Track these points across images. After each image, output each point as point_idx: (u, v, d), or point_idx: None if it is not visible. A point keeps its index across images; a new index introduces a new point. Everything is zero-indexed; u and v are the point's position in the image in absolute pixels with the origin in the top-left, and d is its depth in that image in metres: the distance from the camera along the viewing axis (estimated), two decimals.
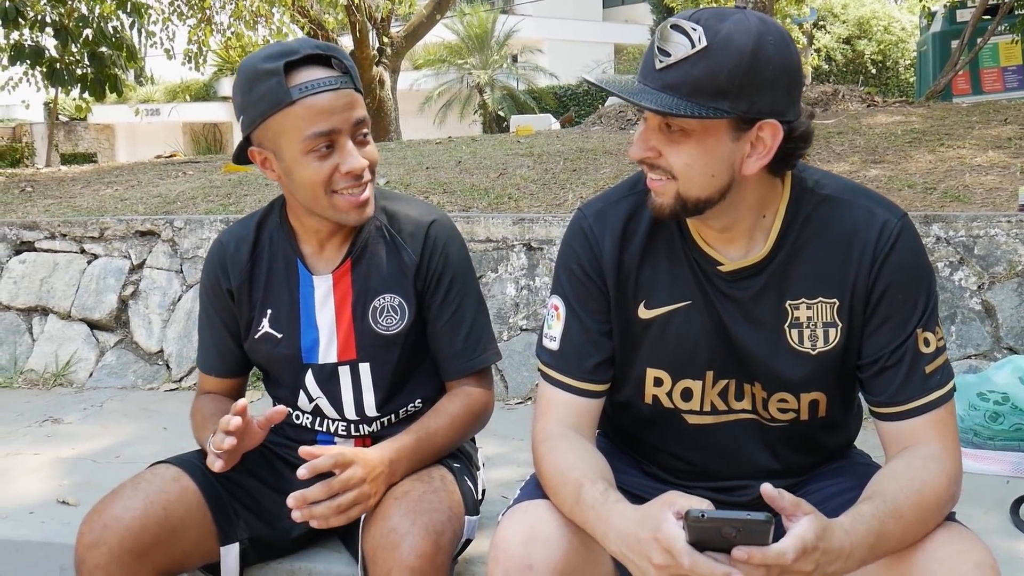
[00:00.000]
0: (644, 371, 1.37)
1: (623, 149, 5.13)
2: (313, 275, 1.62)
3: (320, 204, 1.51)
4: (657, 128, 1.22)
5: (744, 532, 1.01)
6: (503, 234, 3.26)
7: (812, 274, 1.29)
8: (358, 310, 1.61)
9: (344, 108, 1.47)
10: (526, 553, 1.19)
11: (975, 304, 2.77)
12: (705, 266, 1.32)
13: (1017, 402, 2.27)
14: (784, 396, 1.33)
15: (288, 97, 1.44)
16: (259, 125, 1.48)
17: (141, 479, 1.52)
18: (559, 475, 1.25)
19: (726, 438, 1.38)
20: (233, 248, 1.65)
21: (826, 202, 1.29)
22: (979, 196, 3.50)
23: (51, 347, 3.55)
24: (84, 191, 5.31)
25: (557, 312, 1.39)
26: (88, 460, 2.52)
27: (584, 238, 1.37)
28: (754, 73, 1.15)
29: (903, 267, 1.26)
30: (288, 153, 1.48)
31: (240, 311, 1.66)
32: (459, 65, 23.29)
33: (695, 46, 1.15)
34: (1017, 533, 1.86)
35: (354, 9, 10.42)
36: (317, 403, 1.66)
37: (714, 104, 1.16)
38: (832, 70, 19.51)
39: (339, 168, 1.47)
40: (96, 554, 1.43)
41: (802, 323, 1.29)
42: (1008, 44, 8.52)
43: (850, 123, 5.37)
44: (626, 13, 28.87)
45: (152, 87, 25.21)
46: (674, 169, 1.21)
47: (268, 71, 1.44)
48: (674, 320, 1.34)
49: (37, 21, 7.71)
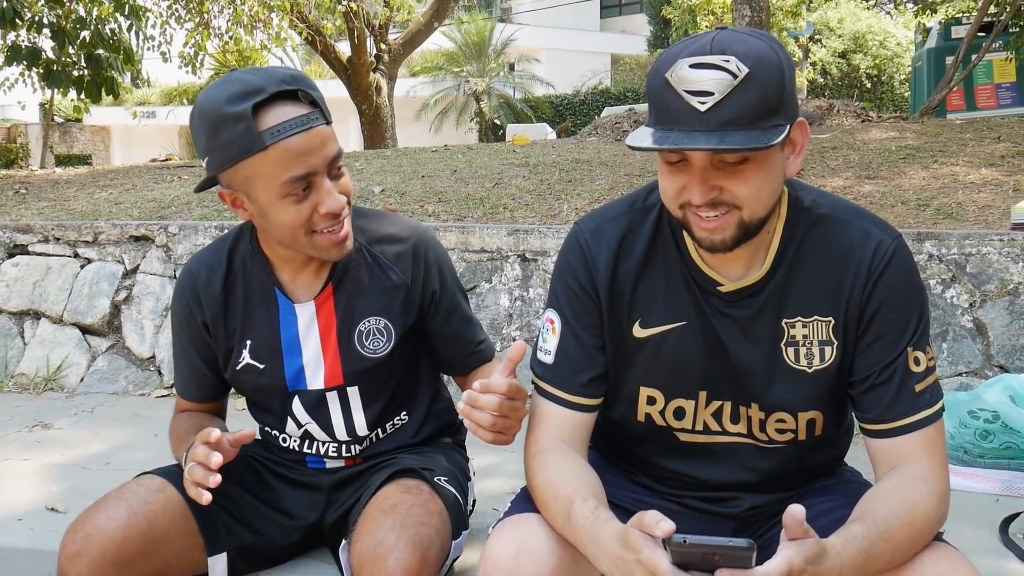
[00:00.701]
0: (637, 389, 1.37)
1: (618, 160, 5.14)
2: (295, 303, 1.59)
3: (299, 243, 1.47)
4: (709, 166, 1.17)
5: (727, 557, 1.00)
6: (497, 244, 3.26)
7: (808, 292, 1.29)
8: (344, 335, 1.59)
9: (319, 147, 1.41)
10: (516, 567, 1.20)
11: (967, 322, 2.78)
12: (705, 286, 1.32)
13: (1007, 420, 2.27)
14: (782, 416, 1.33)
15: (260, 143, 1.37)
16: (228, 169, 1.42)
17: (125, 490, 1.51)
18: (551, 491, 1.25)
19: (718, 455, 1.38)
20: (205, 278, 1.61)
21: (822, 221, 1.30)
22: (972, 214, 3.52)
23: (42, 351, 3.54)
24: (78, 194, 5.30)
25: (552, 326, 1.39)
26: (78, 466, 2.51)
27: (580, 253, 1.37)
28: (790, 82, 1.17)
29: (896, 286, 1.27)
30: (263, 197, 1.42)
31: (217, 342, 1.62)
32: (456, 73, 23.32)
33: (737, 76, 1.12)
34: (1006, 552, 1.86)
35: (352, 15, 10.44)
36: (307, 428, 1.65)
37: (772, 123, 1.15)
38: (828, 84, 19.60)
39: (317, 209, 1.43)
40: (78, 564, 1.42)
41: (798, 341, 1.30)
42: (1002, 61, 8.58)
43: (845, 138, 5.40)
44: (623, 23, 28.98)
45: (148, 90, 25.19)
46: (742, 199, 1.18)
47: (236, 115, 1.36)
48: (669, 340, 1.33)
49: (34, 22, 7.70)
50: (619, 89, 21.63)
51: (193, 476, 1.40)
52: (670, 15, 17.61)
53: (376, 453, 1.68)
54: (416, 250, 1.61)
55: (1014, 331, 2.74)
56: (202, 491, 1.40)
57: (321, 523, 1.70)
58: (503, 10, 27.84)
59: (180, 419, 1.70)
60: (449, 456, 1.72)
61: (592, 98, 21.81)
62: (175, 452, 1.63)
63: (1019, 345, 2.72)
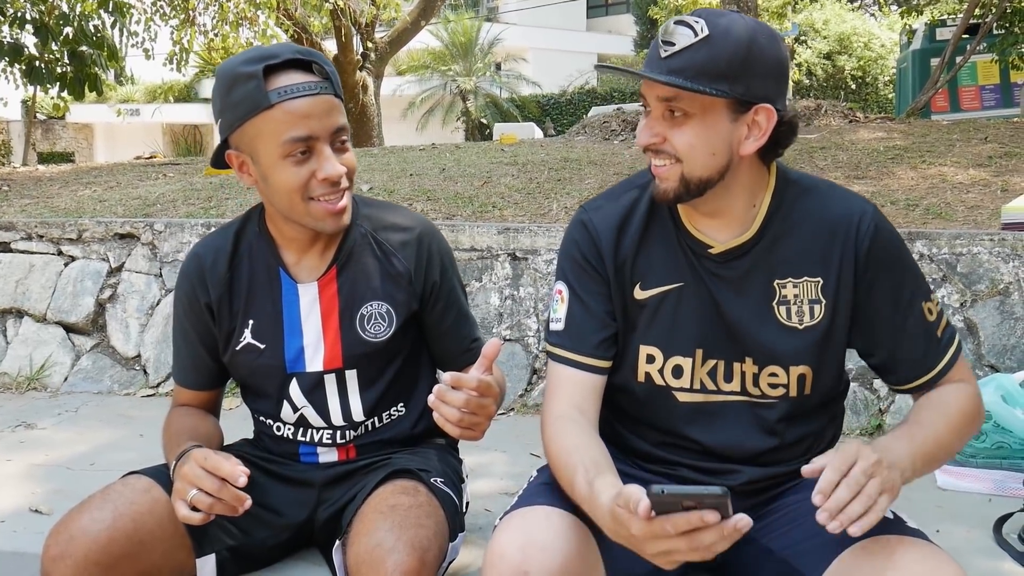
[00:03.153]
0: (638, 348, 1.44)
1: (607, 159, 5.14)
2: (297, 283, 1.60)
3: (296, 210, 1.50)
4: (661, 116, 1.32)
5: (703, 505, 1.05)
6: (487, 243, 3.24)
7: (797, 255, 1.39)
8: (346, 318, 1.60)
9: (323, 114, 1.46)
10: (523, 559, 1.21)
11: (957, 321, 2.79)
12: (697, 250, 1.42)
13: (1000, 420, 2.27)
14: (774, 370, 1.40)
15: (267, 100, 1.42)
16: (237, 128, 1.47)
17: (110, 490, 1.48)
18: (564, 457, 1.32)
19: (716, 418, 1.43)
20: (210, 260, 1.62)
21: (807, 192, 1.43)
22: (961, 213, 3.53)
23: (25, 350, 3.49)
24: (62, 191, 5.25)
25: (561, 296, 1.47)
26: (62, 467, 2.47)
27: (584, 229, 1.47)
28: (750, 60, 1.28)
29: (887, 249, 1.39)
30: (265, 157, 1.46)
31: (219, 324, 1.63)
32: (443, 72, 23.26)
33: (698, 35, 1.27)
34: (1000, 552, 1.86)
35: (339, 13, 10.39)
36: (302, 412, 1.64)
37: (715, 86, 1.27)
38: (813, 84, 19.68)
39: (316, 174, 1.46)
40: (61, 567, 1.39)
41: (789, 300, 1.40)
42: (987, 63, 8.64)
43: (833, 138, 5.41)
44: (610, 23, 29.01)
45: (132, 87, 24.98)
46: (678, 150, 1.32)
47: (247, 74, 1.43)
48: (667, 300, 1.42)
49: (17, 18, 7.62)
50: (606, 89, 21.63)
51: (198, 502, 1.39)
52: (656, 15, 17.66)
53: (372, 443, 1.67)
54: (420, 240, 1.63)
55: (1004, 331, 2.74)
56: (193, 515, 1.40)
57: (311, 522, 1.67)
58: (490, 9, 27.80)
59: (175, 417, 1.68)
60: (443, 458, 1.71)
61: (579, 98, 21.81)
62: (166, 452, 1.60)
63: (1009, 344, 2.73)
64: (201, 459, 1.41)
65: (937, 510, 2.07)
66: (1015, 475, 2.21)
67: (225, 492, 1.39)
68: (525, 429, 2.81)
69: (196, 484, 1.39)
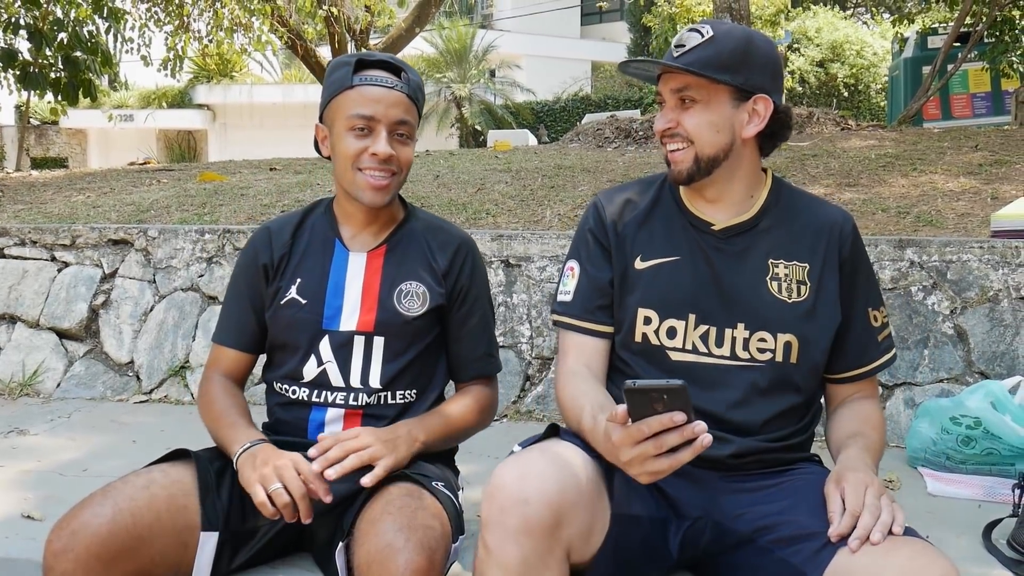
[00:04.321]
0: (636, 311, 1.60)
1: (601, 166, 5.15)
2: (349, 252, 1.79)
3: (347, 177, 1.72)
4: (674, 106, 1.57)
5: (669, 399, 1.23)
6: (481, 250, 3.24)
7: (789, 241, 1.60)
8: (385, 288, 1.76)
9: (389, 104, 1.69)
10: (521, 488, 1.29)
11: (947, 328, 2.80)
12: (700, 227, 1.62)
13: (989, 427, 2.29)
14: (763, 335, 1.57)
15: (349, 82, 1.70)
16: (327, 106, 1.74)
17: (111, 487, 1.53)
18: (570, 401, 1.54)
19: (705, 379, 1.56)
20: (277, 228, 1.84)
21: (799, 196, 1.68)
22: (951, 221, 3.55)
23: (18, 356, 3.48)
24: (55, 197, 5.24)
25: (573, 272, 1.68)
26: (54, 473, 2.47)
27: (596, 210, 1.70)
28: (748, 56, 1.54)
29: (860, 255, 1.63)
30: (336, 128, 1.72)
31: (271, 282, 1.80)
32: (437, 78, 23.27)
33: (704, 36, 1.54)
34: (989, 558, 1.87)
35: (333, 20, 10.41)
36: (325, 368, 1.75)
37: (718, 75, 1.52)
38: (806, 92, 19.75)
39: (368, 149, 1.69)
40: (63, 560, 1.44)
41: (780, 278, 1.59)
42: (978, 71, 8.68)
43: (825, 146, 5.44)
44: (604, 31, 29.07)
45: (126, 93, 24.94)
46: (689, 131, 1.55)
47: (344, 62, 1.72)
48: (664, 269, 1.61)
49: (11, 23, 7.61)
50: (599, 96, 21.68)
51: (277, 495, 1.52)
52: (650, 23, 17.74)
53: (378, 416, 1.74)
54: (459, 248, 1.83)
55: (994, 338, 2.76)
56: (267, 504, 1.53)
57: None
58: (484, 16, 27.85)
59: (218, 390, 1.79)
60: (440, 466, 1.76)
61: (573, 104, 21.85)
62: (217, 425, 1.72)
63: (999, 351, 2.75)
64: (299, 462, 1.55)
65: (927, 516, 2.08)
66: (1004, 481, 2.22)
67: (305, 503, 1.52)
68: (519, 435, 2.80)
69: (285, 481, 1.52)
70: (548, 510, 1.28)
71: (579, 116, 16.94)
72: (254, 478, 1.53)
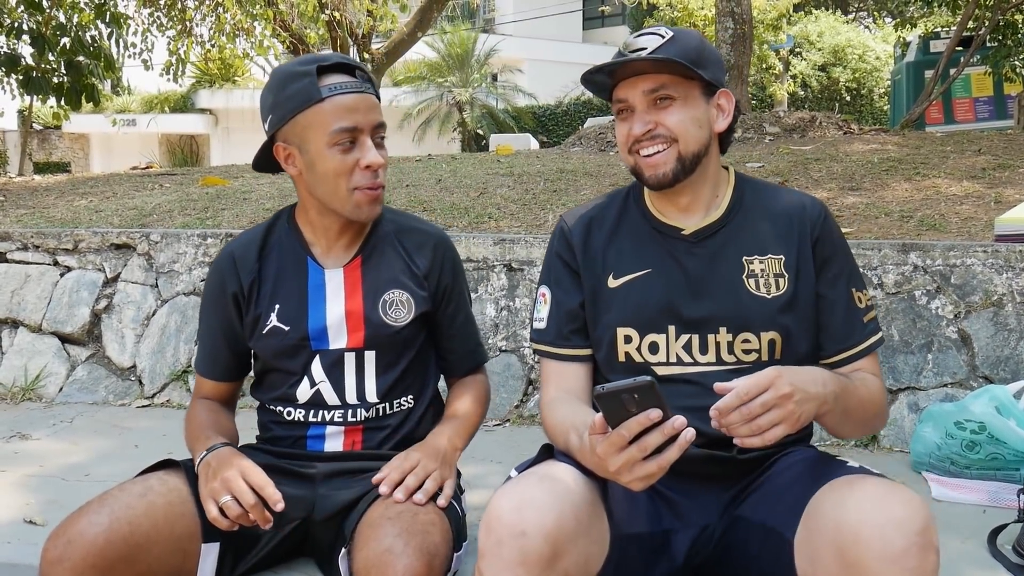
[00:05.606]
0: (615, 331, 1.58)
1: (603, 170, 5.15)
2: (324, 269, 1.73)
3: (339, 195, 1.63)
4: (648, 107, 1.52)
5: (640, 398, 1.20)
6: (484, 254, 3.25)
7: (761, 235, 1.58)
8: (369, 300, 1.71)
9: (367, 110, 1.62)
10: (519, 519, 1.26)
11: (951, 333, 2.79)
12: (669, 233, 1.59)
13: (994, 431, 2.28)
14: (747, 336, 1.54)
15: (319, 94, 1.59)
16: (288, 121, 1.62)
17: (107, 495, 1.52)
18: (557, 425, 1.51)
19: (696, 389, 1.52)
20: (241, 252, 1.75)
21: (763, 187, 1.66)
22: (955, 225, 3.54)
23: (20, 360, 3.48)
24: (58, 201, 5.24)
25: (545, 298, 1.65)
26: (56, 478, 2.46)
27: (561, 234, 1.66)
28: (706, 52, 1.54)
29: (833, 238, 1.59)
30: (314, 146, 1.61)
31: (247, 311, 1.74)
32: (439, 83, 23.29)
33: (664, 37, 1.51)
34: (994, 563, 1.86)
35: (335, 25, 10.43)
36: (319, 388, 1.71)
37: (697, 69, 1.49)
38: (808, 96, 19.76)
39: (359, 162, 1.61)
40: (59, 570, 1.42)
41: (757, 274, 1.56)
42: (980, 75, 8.68)
43: (827, 150, 5.43)
44: (605, 35, 29.08)
45: (129, 97, 24.98)
46: (673, 129, 1.51)
47: (302, 72, 1.60)
48: (637, 284, 1.58)
49: (14, 28, 7.62)
50: (601, 101, 21.66)
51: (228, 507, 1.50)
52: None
53: (378, 429, 1.72)
54: (437, 246, 1.78)
55: (998, 342, 2.75)
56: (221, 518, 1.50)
57: (307, 523, 1.68)
58: (486, 21, 27.87)
59: (198, 409, 1.78)
60: None
61: (575, 109, 21.86)
62: (191, 443, 1.70)
63: (1003, 356, 2.74)
64: (247, 471, 1.52)
65: None
66: (1009, 486, 2.22)
67: (257, 511, 1.50)
68: (521, 440, 2.81)
69: (234, 492, 1.49)
70: (546, 542, 1.25)
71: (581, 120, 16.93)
72: (205, 493, 1.52)
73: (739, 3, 6.52)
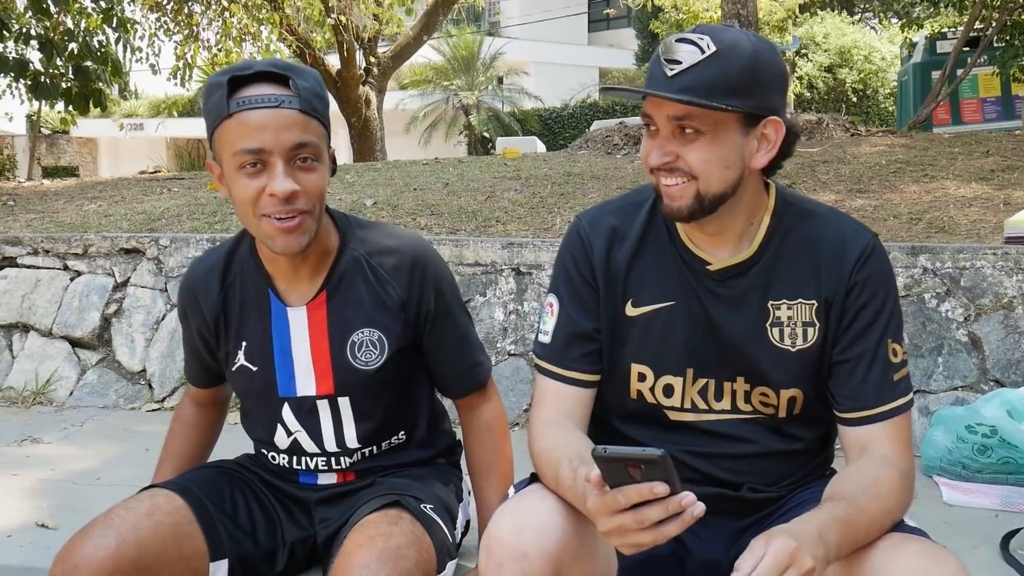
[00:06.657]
0: (629, 366, 1.44)
1: (610, 173, 5.15)
2: (287, 307, 1.57)
3: (251, 224, 1.47)
4: (671, 135, 1.31)
5: (647, 469, 1.07)
6: (492, 258, 3.25)
7: (793, 277, 1.39)
8: (335, 343, 1.56)
9: (280, 128, 1.39)
10: (519, 542, 1.21)
11: (961, 336, 2.79)
12: (695, 266, 1.41)
13: (1005, 435, 2.27)
14: (765, 391, 1.40)
15: (226, 110, 1.40)
16: (211, 138, 1.46)
17: (113, 515, 1.46)
18: (545, 454, 1.33)
19: (710, 438, 1.42)
20: (202, 286, 1.61)
21: (806, 215, 1.42)
22: (963, 227, 3.53)
23: (31, 364, 3.50)
24: (67, 206, 5.26)
25: (552, 309, 1.47)
26: (68, 482, 2.47)
27: (579, 240, 1.46)
28: (758, 74, 1.28)
29: (876, 279, 1.37)
30: (226, 168, 1.44)
31: (218, 345, 1.63)
32: (445, 86, 23.32)
33: (705, 52, 1.26)
34: (1007, 568, 1.86)
35: (341, 29, 10.43)
36: (296, 437, 1.61)
37: (727, 101, 1.25)
38: (814, 98, 19.72)
39: (266, 189, 1.41)
40: None
41: (783, 322, 1.39)
42: (988, 76, 8.65)
43: (835, 152, 5.42)
44: (611, 38, 29.09)
45: (136, 102, 25.09)
46: (693, 168, 1.30)
47: (216, 84, 1.42)
48: (659, 318, 1.42)
49: (22, 34, 7.67)
50: (607, 103, 21.66)
51: None
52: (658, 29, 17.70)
53: (371, 468, 1.65)
54: (414, 265, 1.58)
55: (1009, 345, 2.74)
56: None
57: (311, 541, 1.66)
58: (491, 24, 27.89)
59: (176, 430, 1.76)
60: (443, 478, 1.69)
61: (581, 111, 21.85)
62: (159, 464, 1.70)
63: (1014, 359, 2.73)
64: None
65: (943, 525, 2.06)
66: (1022, 490, 2.21)
67: None
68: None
69: None
70: (548, 565, 1.20)
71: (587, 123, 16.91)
72: None
73: (744, 5, 6.51)
